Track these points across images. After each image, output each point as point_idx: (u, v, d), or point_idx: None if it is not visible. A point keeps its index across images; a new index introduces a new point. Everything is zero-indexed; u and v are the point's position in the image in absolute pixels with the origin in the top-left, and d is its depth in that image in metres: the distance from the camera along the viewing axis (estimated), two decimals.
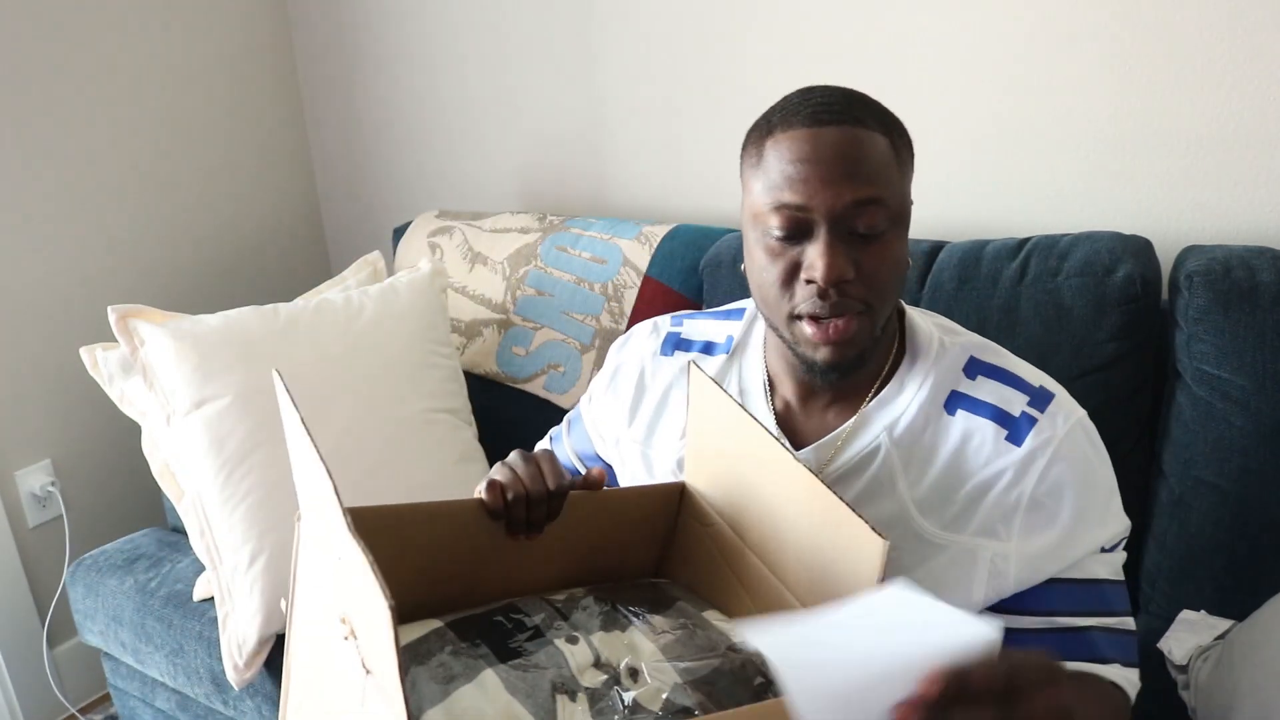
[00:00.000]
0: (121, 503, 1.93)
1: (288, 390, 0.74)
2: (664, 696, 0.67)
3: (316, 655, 0.75)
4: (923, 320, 0.89)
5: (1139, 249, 1.21)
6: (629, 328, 1.53)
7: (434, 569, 0.80)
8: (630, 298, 1.56)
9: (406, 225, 1.87)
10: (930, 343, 0.87)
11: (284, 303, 1.50)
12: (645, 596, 0.81)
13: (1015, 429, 0.81)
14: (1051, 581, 0.82)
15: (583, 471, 1.09)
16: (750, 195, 0.83)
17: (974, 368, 0.85)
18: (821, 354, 0.81)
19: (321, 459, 0.65)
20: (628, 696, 0.67)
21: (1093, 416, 0.85)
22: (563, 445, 1.12)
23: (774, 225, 0.79)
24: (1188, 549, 1.15)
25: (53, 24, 1.75)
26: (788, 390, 0.92)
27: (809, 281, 0.78)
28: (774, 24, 1.57)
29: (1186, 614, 1.11)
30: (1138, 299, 1.17)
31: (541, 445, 1.17)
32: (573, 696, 0.66)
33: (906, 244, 0.82)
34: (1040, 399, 0.82)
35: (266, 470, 1.35)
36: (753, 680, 0.71)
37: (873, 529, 0.66)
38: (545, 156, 1.91)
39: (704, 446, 0.87)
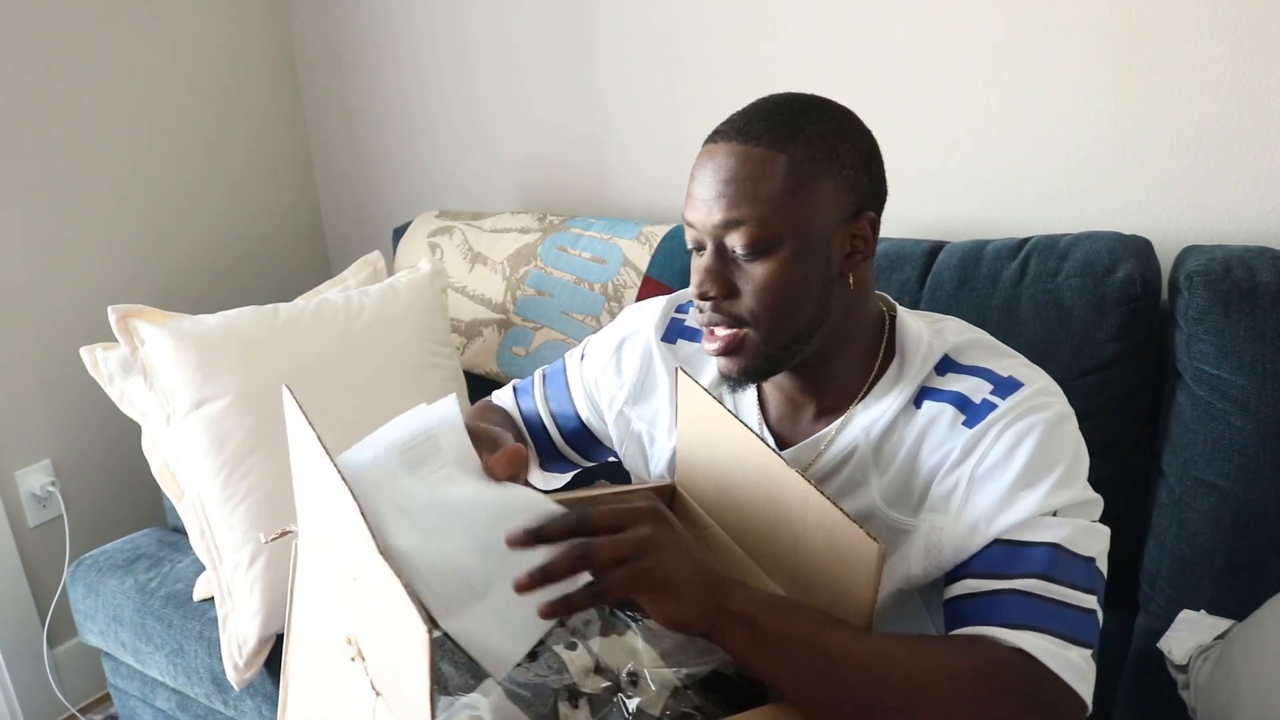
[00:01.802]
0: (121, 503, 1.93)
1: (300, 406, 0.73)
2: (665, 700, 0.67)
3: (317, 675, 0.75)
4: (916, 324, 0.88)
5: (1139, 249, 1.21)
6: None
7: None
8: (630, 298, 1.55)
9: (406, 225, 1.87)
10: (919, 346, 0.86)
11: (284, 303, 1.50)
12: None
13: (973, 413, 0.80)
14: (987, 546, 0.76)
15: (550, 428, 1.08)
16: None
17: (945, 366, 0.85)
18: (719, 364, 0.85)
19: (343, 477, 0.64)
20: (630, 704, 0.67)
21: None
22: (531, 399, 1.10)
23: (686, 238, 0.84)
24: (1188, 549, 1.15)
25: (52, 25, 1.75)
26: (776, 396, 0.93)
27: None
28: (775, 24, 1.57)
29: (1186, 614, 1.11)
30: (1138, 299, 1.17)
31: (503, 395, 1.14)
32: (575, 703, 0.66)
33: (813, 260, 0.80)
34: (1005, 387, 0.80)
35: (266, 470, 1.34)
36: (754, 683, 0.70)
37: (868, 534, 0.65)
38: (545, 156, 1.91)
39: (695, 451, 0.87)
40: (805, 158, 0.78)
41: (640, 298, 1.55)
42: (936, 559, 0.79)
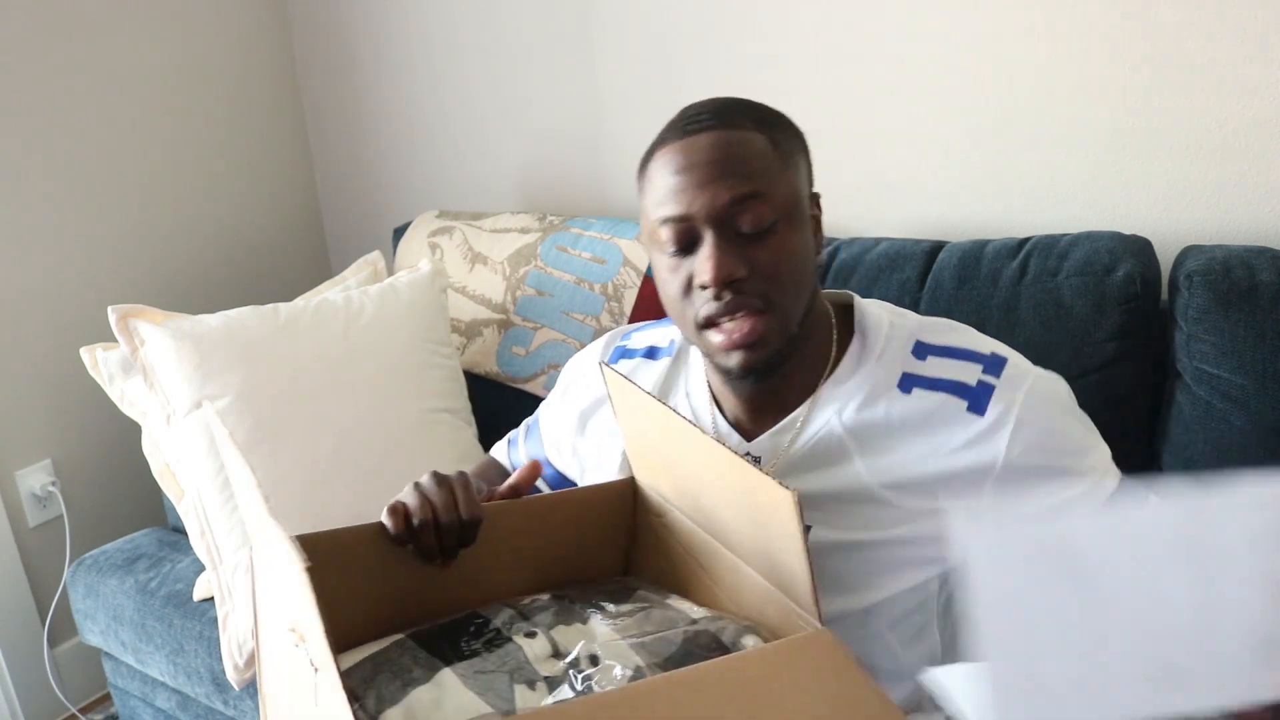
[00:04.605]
0: (122, 503, 1.93)
1: (223, 425, 0.75)
2: (625, 675, 0.67)
3: (281, 673, 0.75)
4: (875, 307, 0.90)
5: (1139, 249, 1.21)
6: None
7: (396, 588, 0.79)
8: (630, 298, 1.56)
9: (406, 225, 1.87)
10: (880, 325, 0.87)
11: (284, 303, 1.50)
12: (606, 590, 0.81)
13: (975, 399, 0.81)
14: None
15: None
16: (644, 217, 0.85)
17: (921, 350, 0.86)
18: (734, 359, 0.82)
19: (253, 478, 0.65)
20: (582, 675, 0.67)
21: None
22: (519, 451, 1.12)
23: (665, 240, 0.81)
24: None
25: (53, 25, 1.75)
26: (733, 398, 0.91)
27: (703, 287, 0.80)
28: (774, 24, 1.57)
29: None
30: (1137, 299, 1.17)
31: (499, 448, 1.18)
32: (531, 686, 0.66)
33: (806, 237, 0.83)
34: (994, 365, 0.83)
35: (267, 470, 1.35)
36: (711, 650, 0.70)
37: (779, 484, 0.65)
38: (545, 156, 1.91)
39: (638, 439, 0.87)
40: (782, 137, 0.82)
41: (640, 298, 1.55)
42: None
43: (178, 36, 1.94)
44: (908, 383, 0.84)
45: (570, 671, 0.67)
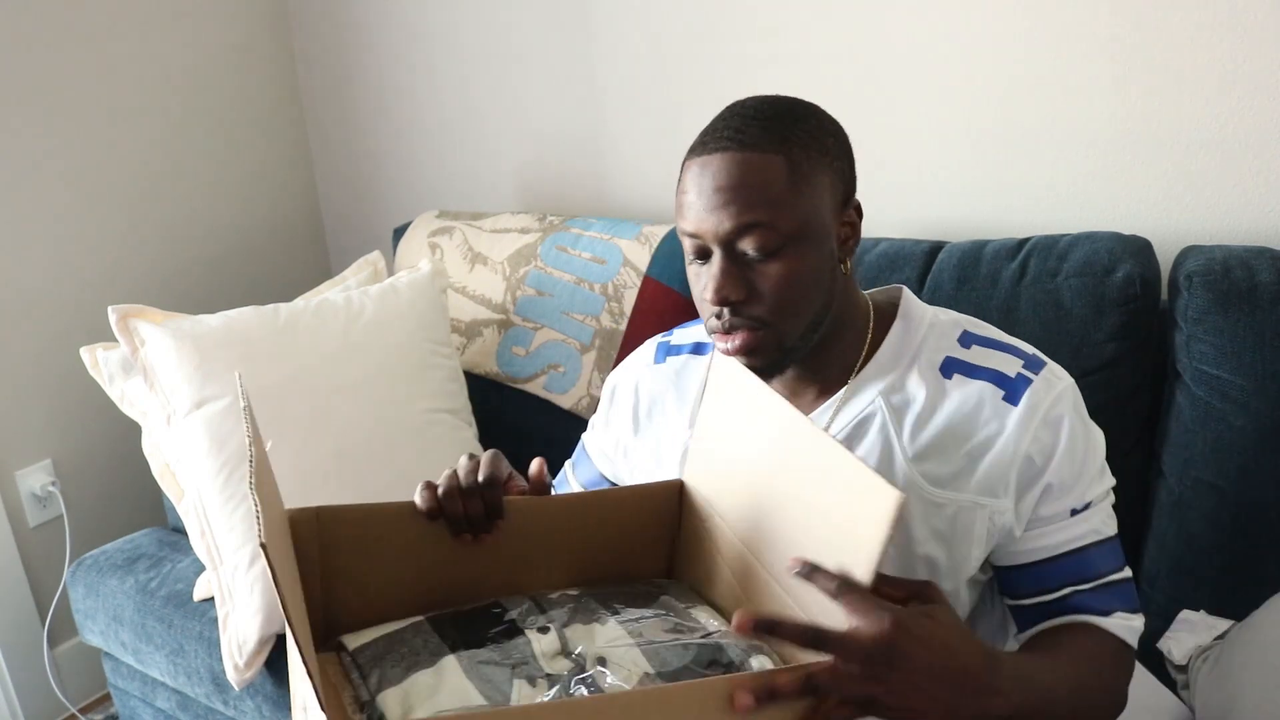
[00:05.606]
0: (122, 503, 1.93)
1: (250, 409, 0.75)
2: (631, 685, 0.67)
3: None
4: (918, 301, 0.93)
5: (1138, 249, 1.21)
6: (628, 328, 1.54)
7: (428, 572, 0.80)
8: (630, 298, 1.56)
9: (406, 225, 1.87)
10: (925, 312, 0.91)
11: (284, 303, 1.50)
12: (634, 593, 0.81)
13: (1012, 389, 0.84)
14: (1037, 563, 0.86)
15: None
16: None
17: (968, 338, 0.89)
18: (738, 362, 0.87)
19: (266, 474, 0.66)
20: (588, 679, 0.67)
21: (1093, 416, 0.87)
22: (570, 481, 1.13)
23: (687, 248, 0.86)
24: (1187, 549, 1.16)
25: (54, 26, 1.75)
26: (775, 381, 0.94)
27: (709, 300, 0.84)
28: (774, 23, 1.57)
29: (1186, 614, 1.11)
30: (1137, 299, 1.17)
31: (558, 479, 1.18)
32: (532, 682, 0.67)
33: (820, 253, 0.83)
34: (1034, 363, 0.86)
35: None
36: (713, 666, 0.70)
37: (888, 482, 0.64)
38: (545, 156, 1.91)
39: (711, 439, 0.87)
40: (802, 156, 0.81)
41: (640, 298, 1.55)
42: (996, 541, 0.86)
43: (178, 37, 1.94)
44: (949, 368, 0.87)
45: (576, 677, 0.68)
